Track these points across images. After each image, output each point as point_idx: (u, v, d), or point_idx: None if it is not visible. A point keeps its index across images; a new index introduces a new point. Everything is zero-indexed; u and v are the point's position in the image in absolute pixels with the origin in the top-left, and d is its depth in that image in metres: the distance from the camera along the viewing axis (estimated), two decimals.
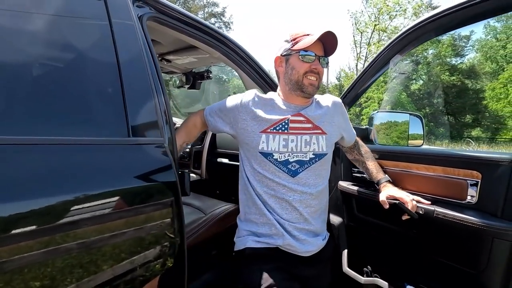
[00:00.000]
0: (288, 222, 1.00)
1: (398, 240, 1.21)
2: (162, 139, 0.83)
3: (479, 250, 0.94)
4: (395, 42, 1.22)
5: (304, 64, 0.98)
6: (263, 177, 1.01)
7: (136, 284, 0.71)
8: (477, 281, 0.96)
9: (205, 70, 1.89)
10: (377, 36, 23.24)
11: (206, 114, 1.11)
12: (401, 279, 1.18)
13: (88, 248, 0.62)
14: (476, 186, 0.98)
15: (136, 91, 0.81)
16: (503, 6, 0.93)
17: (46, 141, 0.60)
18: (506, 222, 0.88)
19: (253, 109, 1.02)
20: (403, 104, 21.00)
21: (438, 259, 1.07)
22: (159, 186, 0.79)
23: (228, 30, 29.18)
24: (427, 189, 1.11)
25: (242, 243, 1.03)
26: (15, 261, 0.51)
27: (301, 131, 1.01)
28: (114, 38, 0.80)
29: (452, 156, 1.07)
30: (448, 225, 0.98)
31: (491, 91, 22.77)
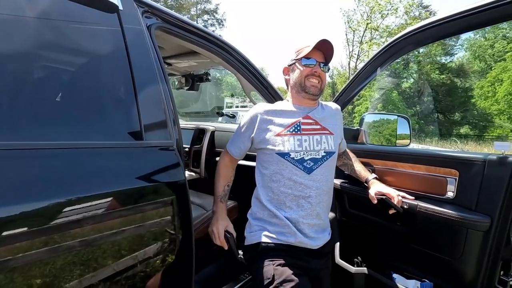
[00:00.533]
0: (302, 219, 1.06)
1: (385, 233, 1.32)
2: (171, 141, 0.91)
3: (456, 240, 1.06)
4: (380, 53, 1.32)
5: (306, 69, 1.11)
6: (281, 177, 1.07)
7: (152, 270, 0.79)
8: (454, 267, 1.07)
9: (204, 73, 1.96)
10: (369, 35, 23.50)
11: (231, 152, 1.19)
12: (388, 268, 1.29)
13: (111, 238, 0.70)
14: (454, 183, 1.09)
15: (147, 97, 0.89)
16: (474, 24, 1.04)
17: (76, 146, 0.68)
18: (479, 215, 1.00)
19: (266, 118, 1.11)
20: (394, 102, 21.35)
21: (420, 249, 1.18)
22: (170, 185, 0.87)
23: (221, 27, 29.08)
24: (412, 186, 1.22)
25: (255, 238, 1.09)
26: (61, 249, 0.59)
27: (312, 132, 1.10)
28: (127, 47, 0.87)
29: (434, 156, 1.18)
30: (430, 218, 1.09)
31: (479, 90, 23.31)
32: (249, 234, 1.14)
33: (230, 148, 1.19)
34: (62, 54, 0.81)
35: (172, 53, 1.64)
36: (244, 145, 1.16)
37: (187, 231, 0.89)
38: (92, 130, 0.76)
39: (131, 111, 0.84)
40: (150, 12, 1.03)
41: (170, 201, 0.85)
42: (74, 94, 0.77)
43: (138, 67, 0.88)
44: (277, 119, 1.10)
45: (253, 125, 1.12)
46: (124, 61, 0.85)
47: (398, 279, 1.22)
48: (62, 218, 0.62)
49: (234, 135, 1.19)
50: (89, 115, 0.78)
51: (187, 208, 0.88)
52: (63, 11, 0.78)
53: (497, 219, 0.96)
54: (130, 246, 0.75)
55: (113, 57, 0.86)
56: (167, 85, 0.97)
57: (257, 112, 1.13)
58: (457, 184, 1.08)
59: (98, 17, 0.86)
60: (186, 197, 0.88)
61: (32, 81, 0.70)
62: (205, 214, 1.49)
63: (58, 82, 0.78)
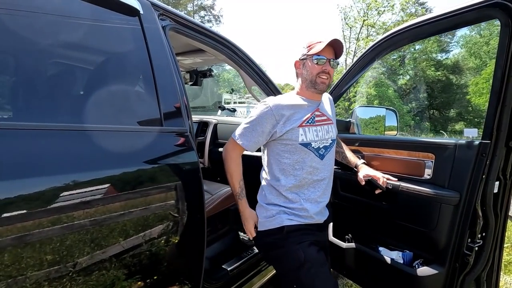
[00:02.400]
0: (317, 198, 1.20)
1: (372, 211, 1.48)
2: (186, 128, 1.06)
3: (431, 214, 1.22)
4: (371, 49, 1.47)
5: (317, 66, 1.16)
6: (304, 165, 1.17)
7: (169, 243, 0.93)
8: (430, 237, 1.23)
9: (207, 69, 2.10)
10: (365, 32, 23.61)
11: (246, 146, 1.17)
12: (374, 242, 1.45)
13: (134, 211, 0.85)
14: (431, 165, 1.25)
15: (165, 89, 1.03)
16: (453, 25, 1.19)
17: (115, 129, 0.83)
18: (451, 191, 1.16)
19: (283, 113, 1.14)
20: (390, 98, 21.55)
21: (402, 224, 1.35)
22: (186, 165, 1.02)
23: (218, 24, 29.02)
24: (395, 169, 1.37)
25: (277, 222, 1.16)
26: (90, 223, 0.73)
27: (322, 123, 1.23)
28: (148, 46, 1.01)
29: (414, 142, 1.34)
30: (410, 196, 1.25)
31: (474, 86, 23.55)
32: (267, 219, 1.19)
33: (245, 142, 1.16)
34: (91, 54, 0.96)
35: (179, 51, 1.78)
36: (262, 139, 1.17)
37: (200, 205, 1.04)
38: (121, 117, 0.91)
39: (152, 101, 0.98)
40: (165, 15, 1.17)
41: (185, 178, 1.00)
42: (107, 89, 0.91)
43: (158, 63, 1.02)
44: (295, 113, 1.16)
45: (272, 120, 1.14)
46: (145, 58, 1.00)
47: (383, 251, 1.38)
48: (98, 190, 0.76)
49: (247, 130, 1.16)
50: (118, 104, 0.93)
51: (199, 182, 1.03)
52: (94, 15, 0.93)
53: (465, 195, 1.12)
54: (153, 219, 0.89)
55: (137, 55, 1.00)
56: (180, 79, 1.11)
57: (271, 107, 1.14)
58: (433, 166, 1.24)
59: (122, 20, 1.00)
60: (198, 174, 1.03)
61: (82, 76, 0.85)
62: (210, 197, 1.64)
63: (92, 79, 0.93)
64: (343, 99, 22.09)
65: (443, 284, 1.20)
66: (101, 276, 0.76)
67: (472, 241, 1.13)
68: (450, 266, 1.18)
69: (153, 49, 1.02)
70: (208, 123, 2.32)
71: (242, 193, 1.23)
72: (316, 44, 1.17)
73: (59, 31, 0.84)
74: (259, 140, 1.17)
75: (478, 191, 1.10)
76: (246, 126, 1.18)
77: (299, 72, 1.24)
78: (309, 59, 1.17)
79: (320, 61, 1.15)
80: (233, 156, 1.21)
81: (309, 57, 1.17)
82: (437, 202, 1.19)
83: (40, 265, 0.64)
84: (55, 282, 0.66)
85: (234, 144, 1.20)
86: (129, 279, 0.83)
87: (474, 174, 1.10)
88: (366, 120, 1.98)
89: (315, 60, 1.15)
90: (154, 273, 0.91)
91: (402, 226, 1.35)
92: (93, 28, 0.92)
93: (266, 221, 1.19)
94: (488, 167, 1.08)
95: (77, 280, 0.71)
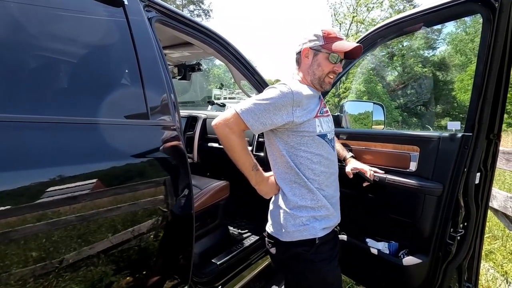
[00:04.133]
0: (334, 194, 1.13)
1: (360, 204, 1.51)
2: (173, 122, 1.04)
3: (416, 205, 1.25)
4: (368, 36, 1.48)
5: (330, 65, 1.06)
6: (321, 158, 1.06)
7: (156, 238, 0.93)
8: (414, 228, 1.27)
9: (196, 63, 2.07)
10: (355, 28, 23.79)
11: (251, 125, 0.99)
12: (362, 234, 1.48)
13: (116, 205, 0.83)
14: (416, 158, 1.28)
15: (152, 82, 1.01)
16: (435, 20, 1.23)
17: (99, 122, 0.82)
18: (434, 183, 1.19)
19: (302, 100, 1.01)
20: (379, 94, 21.86)
21: (388, 215, 1.38)
22: (173, 159, 1.01)
23: (208, 18, 28.67)
24: (382, 162, 1.40)
25: (311, 233, 1.03)
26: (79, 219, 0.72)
27: (327, 114, 1.14)
28: (133, 38, 0.99)
29: (400, 135, 1.37)
30: (396, 188, 1.27)
31: (459, 83, 24.15)
32: (297, 229, 1.03)
33: (251, 120, 0.98)
34: (73, 46, 0.93)
35: (167, 44, 1.75)
36: (273, 123, 1.00)
37: (188, 200, 1.03)
38: (106, 110, 0.89)
39: (138, 94, 0.97)
40: (151, 6, 1.14)
41: (172, 172, 0.99)
42: (90, 82, 0.89)
43: (143, 56, 1.00)
44: (310, 103, 1.05)
45: (289, 106, 0.99)
46: (131, 50, 0.98)
47: (370, 242, 1.41)
48: (82, 183, 0.75)
49: (258, 107, 0.98)
50: (102, 97, 0.90)
51: (187, 176, 1.02)
52: (76, 6, 0.90)
53: (448, 186, 1.16)
54: (140, 214, 0.88)
55: (122, 47, 0.98)
56: (167, 72, 1.09)
57: (293, 91, 1.00)
58: (418, 158, 1.27)
59: (106, 11, 0.97)
60: (186, 168, 1.02)
61: (65, 69, 0.83)
62: (199, 192, 1.63)
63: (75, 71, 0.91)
64: (333, 95, 22.27)
65: (427, 272, 1.23)
66: (88, 272, 0.75)
67: (454, 231, 1.17)
68: (434, 255, 1.22)
69: (138, 41, 1.00)
70: (197, 118, 2.30)
71: (256, 163, 1.07)
72: (337, 40, 1.05)
73: (40, 21, 0.81)
74: (267, 123, 0.99)
75: (461, 183, 1.13)
76: (258, 102, 0.99)
77: (304, 62, 1.10)
78: (324, 54, 1.05)
79: (335, 59, 1.05)
80: (235, 130, 1.00)
81: (325, 51, 1.05)
82: (422, 194, 1.22)
83: (26, 262, 0.62)
84: (41, 279, 0.65)
85: (237, 119, 0.99)
86: (117, 274, 0.82)
87: (456, 166, 1.14)
88: (355, 115, 2.01)
89: (332, 58, 1.05)
90: (141, 268, 0.90)
91: (388, 217, 1.38)
92: (75, 19, 0.90)
93: (295, 231, 1.03)
94: (470, 159, 1.11)
95: (64, 276, 0.69)
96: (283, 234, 1.05)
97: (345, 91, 22.42)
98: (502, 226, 2.40)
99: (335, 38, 1.05)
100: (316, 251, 1.04)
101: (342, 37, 1.07)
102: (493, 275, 2.07)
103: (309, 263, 1.04)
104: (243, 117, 0.98)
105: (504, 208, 2.05)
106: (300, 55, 1.11)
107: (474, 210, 1.16)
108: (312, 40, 1.07)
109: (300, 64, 1.13)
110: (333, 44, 1.04)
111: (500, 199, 2.09)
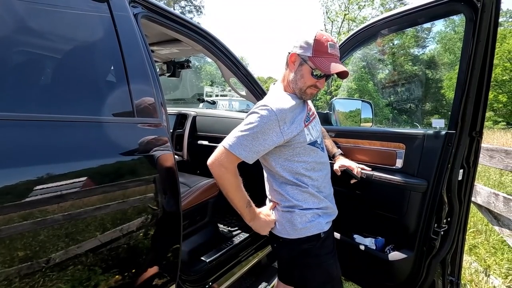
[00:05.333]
0: (331, 191, 1.18)
1: (348, 200, 1.52)
2: (159, 119, 1.03)
3: (402, 201, 1.27)
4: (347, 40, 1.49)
5: (313, 79, 1.04)
6: (315, 164, 1.10)
7: (143, 238, 0.92)
8: (400, 223, 1.29)
9: (185, 60, 2.05)
10: (347, 26, 23.93)
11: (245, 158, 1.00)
12: (350, 230, 1.50)
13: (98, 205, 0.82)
14: (402, 155, 1.30)
15: (137, 78, 1.00)
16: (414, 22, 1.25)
17: (83, 120, 0.80)
18: (419, 179, 1.21)
19: (287, 117, 1.01)
20: (370, 92, 22.10)
21: (375, 211, 1.40)
22: (160, 157, 1.00)
23: (199, 15, 28.40)
24: (370, 159, 1.42)
25: (317, 228, 1.07)
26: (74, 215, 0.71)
27: (313, 117, 1.16)
28: (118, 34, 0.97)
29: (387, 132, 1.39)
30: (383, 185, 1.30)
31: (448, 81, 24.63)
32: (305, 226, 1.07)
33: (244, 153, 0.98)
34: (56, 42, 0.91)
35: (154, 40, 1.73)
36: (265, 148, 1.01)
37: (175, 198, 1.03)
38: (90, 107, 0.87)
39: (123, 91, 0.95)
40: (136, 1, 1.12)
41: (159, 170, 0.98)
42: (73, 79, 0.87)
43: (129, 52, 0.98)
44: (296, 114, 1.05)
45: (276, 128, 0.99)
46: (116, 47, 0.96)
47: (358, 238, 1.44)
48: (67, 182, 0.74)
49: (246, 139, 0.98)
50: (86, 94, 0.89)
51: (174, 174, 1.01)
52: (61, 0, 0.88)
53: (432, 182, 1.18)
54: (126, 213, 0.87)
55: (106, 44, 0.96)
56: (154, 69, 1.08)
57: (275, 112, 0.99)
58: (404, 155, 1.29)
59: (90, 6, 0.95)
60: (173, 166, 1.01)
61: (48, 65, 0.80)
62: (188, 190, 1.62)
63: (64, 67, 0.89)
64: (325, 92, 22.41)
65: (411, 267, 1.26)
66: (76, 271, 0.74)
67: (438, 226, 1.19)
68: (418, 250, 1.25)
69: (123, 37, 0.98)
70: (186, 115, 2.28)
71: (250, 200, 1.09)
72: (325, 56, 1.01)
73: (21, 16, 0.79)
74: (260, 150, 1.00)
75: (444, 179, 1.15)
76: (245, 134, 0.98)
77: (291, 67, 1.09)
78: (308, 67, 1.03)
79: (318, 76, 1.04)
80: (230, 168, 1.00)
81: (311, 64, 1.02)
82: (407, 190, 1.24)
83: (11, 261, 0.61)
84: (26, 279, 0.64)
85: (229, 156, 0.99)
86: (103, 273, 0.81)
87: (440, 162, 1.16)
88: (346, 113, 2.03)
89: (316, 73, 1.03)
90: (128, 267, 0.89)
91: (375, 213, 1.40)
92: (57, 13, 0.87)
93: (303, 228, 1.07)
94: (453, 155, 1.14)
95: (50, 275, 0.68)
96: (291, 232, 1.08)
97: (337, 89, 22.58)
98: (486, 221, 2.47)
99: (325, 54, 1.01)
100: (322, 245, 1.09)
101: (333, 53, 1.02)
102: (476, 269, 2.13)
103: (315, 257, 1.10)
104: (235, 152, 0.98)
105: (487, 204, 2.10)
106: (289, 58, 1.09)
107: (457, 205, 1.19)
108: (302, 47, 1.04)
109: (288, 66, 1.11)
110: (321, 61, 1.01)
111: (483, 194, 2.15)
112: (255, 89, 1.74)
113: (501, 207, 1.97)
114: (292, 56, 1.07)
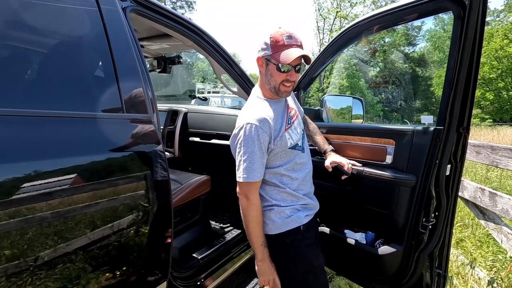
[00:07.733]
0: (311, 190, 1.22)
1: (338, 196, 1.54)
2: (149, 115, 1.02)
3: (391, 196, 1.29)
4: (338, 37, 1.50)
5: (281, 74, 1.05)
6: (295, 164, 1.14)
7: (133, 235, 0.91)
8: (389, 218, 1.31)
9: (176, 56, 2.02)
10: (338, 23, 24.03)
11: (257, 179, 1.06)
12: (341, 225, 1.52)
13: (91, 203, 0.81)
14: (392, 151, 1.32)
15: (126, 74, 0.98)
16: None
17: (71, 115, 0.79)
18: (408, 175, 1.23)
19: (271, 124, 1.06)
20: (362, 89, 22.31)
21: (365, 207, 1.42)
22: (150, 153, 0.98)
23: (191, 10, 28.07)
24: (360, 155, 1.43)
25: (296, 222, 1.11)
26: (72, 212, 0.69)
27: (295, 118, 1.19)
28: (106, 28, 0.95)
29: (377, 129, 1.40)
30: (373, 180, 1.31)
31: (437, 78, 25.05)
32: (284, 221, 1.11)
33: (257, 175, 1.05)
34: (43, 37, 0.88)
35: (145, 35, 1.70)
36: (265, 159, 1.09)
37: (166, 195, 1.02)
38: (78, 103, 0.85)
39: (112, 87, 0.93)
40: None
41: (149, 167, 0.97)
42: (61, 74, 0.85)
43: (117, 47, 0.96)
44: (276, 119, 1.09)
45: (266, 136, 1.05)
46: (104, 41, 0.94)
47: (348, 233, 1.45)
48: (59, 178, 0.72)
49: (250, 163, 1.03)
50: (74, 89, 0.87)
51: (164, 171, 1.00)
52: None
53: (421, 178, 1.20)
54: (116, 210, 0.86)
55: (94, 38, 0.94)
56: (144, 65, 1.06)
57: (258, 124, 1.03)
58: (394, 151, 1.31)
59: (77, 0, 0.92)
60: (164, 163, 1.00)
61: (35, 60, 0.78)
62: (180, 187, 1.61)
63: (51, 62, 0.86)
64: (317, 90, 22.52)
65: (400, 260, 1.28)
66: (65, 269, 0.73)
67: (426, 220, 1.22)
68: (407, 244, 1.27)
69: (111, 32, 0.96)
70: (178, 111, 2.26)
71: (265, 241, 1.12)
72: (282, 49, 1.02)
73: (5, 8, 0.76)
74: (264, 162, 1.07)
75: (433, 174, 1.17)
76: (248, 159, 1.03)
77: (261, 71, 1.12)
78: (273, 65, 1.05)
79: (284, 70, 1.04)
80: (254, 200, 1.07)
81: (274, 61, 1.04)
82: (397, 185, 1.26)
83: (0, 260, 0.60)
84: (14, 278, 0.63)
85: (247, 185, 1.05)
86: (93, 271, 0.80)
87: (429, 158, 1.18)
88: (337, 110, 2.04)
89: (282, 68, 1.04)
90: (118, 264, 0.88)
91: (365, 208, 1.42)
92: (42, 6, 0.85)
93: (282, 224, 1.11)
94: (441, 151, 1.16)
95: (38, 274, 0.67)
96: (272, 228, 1.12)
97: (329, 86, 22.72)
98: (472, 215, 2.54)
99: (283, 46, 1.02)
100: (302, 238, 1.13)
101: (291, 43, 1.02)
102: (463, 261, 2.19)
103: (297, 249, 1.13)
104: (251, 179, 1.04)
105: (474, 198, 2.16)
106: (257, 63, 1.12)
107: (445, 200, 1.21)
108: (263, 48, 1.06)
109: (260, 73, 1.14)
110: (280, 54, 1.02)
111: (470, 189, 2.20)
112: (247, 86, 1.73)
113: (487, 201, 2.02)
114: (258, 60, 1.11)
